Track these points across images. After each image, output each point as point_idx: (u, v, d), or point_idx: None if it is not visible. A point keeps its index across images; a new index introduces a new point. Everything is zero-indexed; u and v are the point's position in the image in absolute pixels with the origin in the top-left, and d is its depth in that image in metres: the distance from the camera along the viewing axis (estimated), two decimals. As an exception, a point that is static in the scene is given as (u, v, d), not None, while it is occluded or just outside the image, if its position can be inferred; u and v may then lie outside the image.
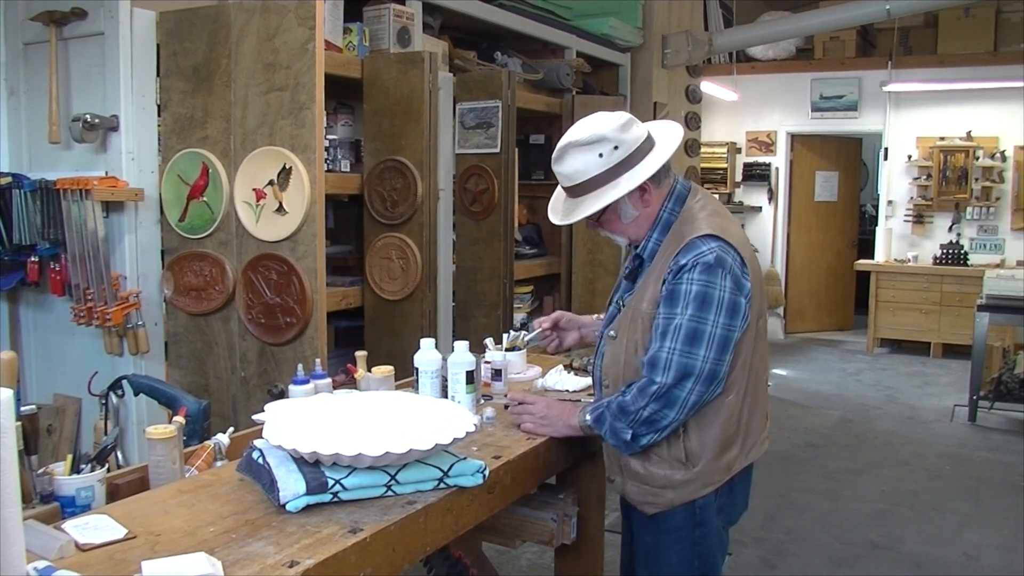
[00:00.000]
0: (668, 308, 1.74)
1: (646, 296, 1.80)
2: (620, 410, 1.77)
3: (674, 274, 1.74)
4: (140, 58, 2.83)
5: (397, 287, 3.37)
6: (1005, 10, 7.45)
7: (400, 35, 3.52)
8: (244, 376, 2.88)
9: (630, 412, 1.76)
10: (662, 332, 1.73)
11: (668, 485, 1.82)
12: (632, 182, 1.78)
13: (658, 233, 1.83)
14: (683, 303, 1.72)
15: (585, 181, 1.79)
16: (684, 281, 1.72)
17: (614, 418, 1.78)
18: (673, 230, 1.82)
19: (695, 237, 1.75)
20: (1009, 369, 5.65)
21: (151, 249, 2.94)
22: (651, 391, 1.73)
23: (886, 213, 8.17)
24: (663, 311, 1.74)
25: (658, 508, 1.84)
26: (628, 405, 1.76)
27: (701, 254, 1.73)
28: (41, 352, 3.10)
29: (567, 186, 1.84)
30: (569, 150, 1.80)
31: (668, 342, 1.72)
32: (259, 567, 1.25)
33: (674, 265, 1.74)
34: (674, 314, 1.72)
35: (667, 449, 1.81)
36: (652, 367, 1.73)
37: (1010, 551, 3.64)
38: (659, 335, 1.74)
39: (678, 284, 1.73)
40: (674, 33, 6.39)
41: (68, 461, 1.56)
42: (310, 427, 1.57)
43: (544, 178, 5.01)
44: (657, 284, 1.78)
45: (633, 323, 1.81)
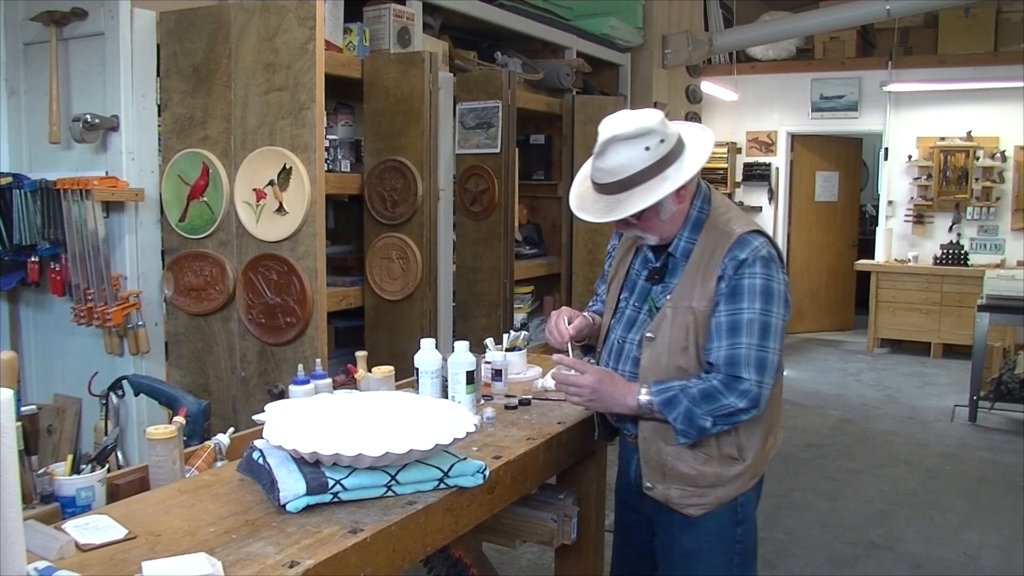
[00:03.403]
0: (734, 303, 1.72)
1: (694, 294, 1.76)
2: (705, 397, 1.72)
3: (734, 269, 1.72)
4: (140, 58, 2.83)
5: (397, 287, 3.37)
6: (1005, 10, 7.45)
7: (400, 35, 3.52)
8: (244, 376, 2.88)
9: (717, 402, 1.71)
10: (731, 328, 1.71)
11: (718, 483, 1.80)
12: (681, 176, 1.72)
13: (689, 231, 1.80)
14: (749, 298, 1.71)
15: (631, 175, 1.70)
16: (746, 276, 1.71)
17: (693, 403, 1.72)
18: (708, 228, 1.79)
19: (745, 233, 1.75)
20: (1009, 369, 5.65)
21: (151, 249, 2.94)
22: (740, 388, 1.70)
23: (886, 213, 8.17)
24: (727, 307, 1.72)
25: (705, 509, 1.81)
26: (716, 394, 1.71)
27: (756, 249, 1.73)
28: (41, 352, 3.10)
29: (607, 182, 1.73)
30: (613, 144, 1.70)
31: (744, 337, 1.70)
32: (259, 567, 1.25)
33: (730, 260, 1.72)
34: (741, 309, 1.71)
35: (717, 446, 1.78)
36: (733, 364, 1.70)
37: (1010, 551, 3.64)
38: (727, 331, 1.71)
39: (740, 279, 1.71)
40: (674, 33, 6.39)
41: (68, 461, 1.56)
42: (310, 427, 1.57)
43: (544, 178, 5.02)
44: (707, 281, 1.74)
45: (677, 323, 1.76)
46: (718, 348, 1.72)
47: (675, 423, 1.73)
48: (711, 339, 1.73)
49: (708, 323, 1.74)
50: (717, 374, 1.72)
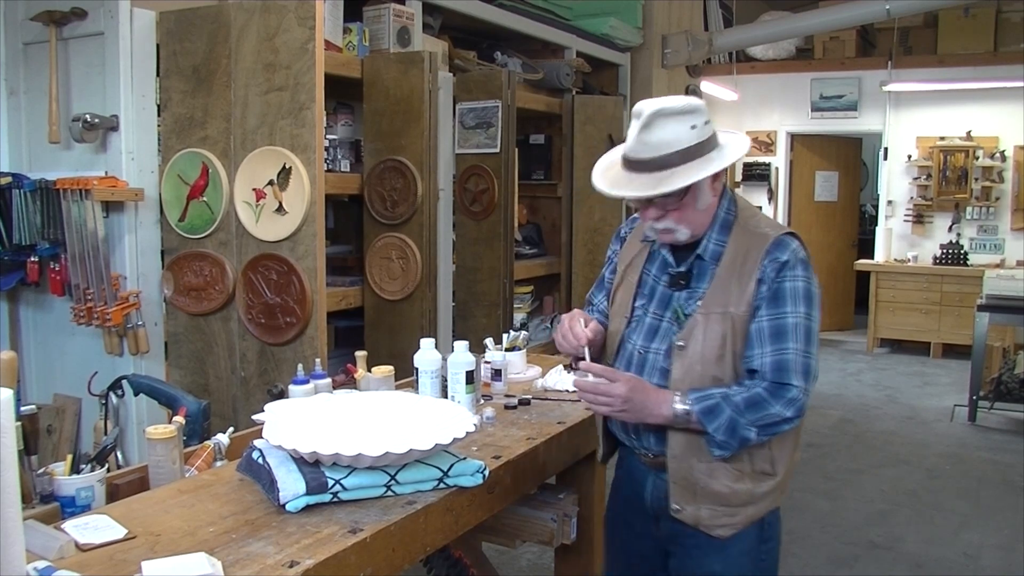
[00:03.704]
0: (777, 307, 1.63)
1: (730, 299, 1.65)
2: (750, 405, 1.60)
3: (776, 272, 1.64)
4: (140, 58, 2.83)
5: (397, 287, 3.37)
6: (1005, 10, 7.45)
7: (400, 35, 3.52)
8: (244, 376, 2.88)
9: (763, 411, 1.61)
10: (776, 332, 1.62)
11: (750, 501, 1.70)
12: (725, 159, 1.65)
13: (717, 233, 1.70)
14: (792, 301, 1.63)
15: (677, 152, 1.59)
16: (788, 279, 1.64)
17: (737, 412, 1.60)
18: (737, 230, 1.70)
19: (781, 235, 1.68)
20: (1009, 369, 5.65)
21: (151, 249, 2.94)
22: (788, 396, 1.61)
23: (886, 213, 8.17)
24: (769, 311, 1.63)
25: (735, 529, 1.70)
26: (763, 403, 1.61)
27: (795, 251, 1.66)
28: (41, 352, 3.10)
29: (650, 156, 1.60)
30: (659, 119, 1.59)
31: (791, 343, 1.62)
32: (259, 567, 1.26)
33: (771, 263, 1.64)
34: (785, 313, 1.63)
35: (750, 461, 1.68)
36: (782, 370, 1.61)
37: (1010, 551, 3.64)
38: (772, 336, 1.63)
39: (782, 282, 1.64)
40: (674, 33, 6.39)
41: (68, 461, 1.56)
42: (310, 427, 1.57)
43: (544, 178, 5.02)
44: (745, 284, 1.65)
45: (711, 329, 1.65)
46: (761, 354, 1.62)
47: (715, 434, 1.61)
48: (751, 345, 1.64)
49: (746, 329, 1.64)
50: (762, 381, 1.62)
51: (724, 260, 1.68)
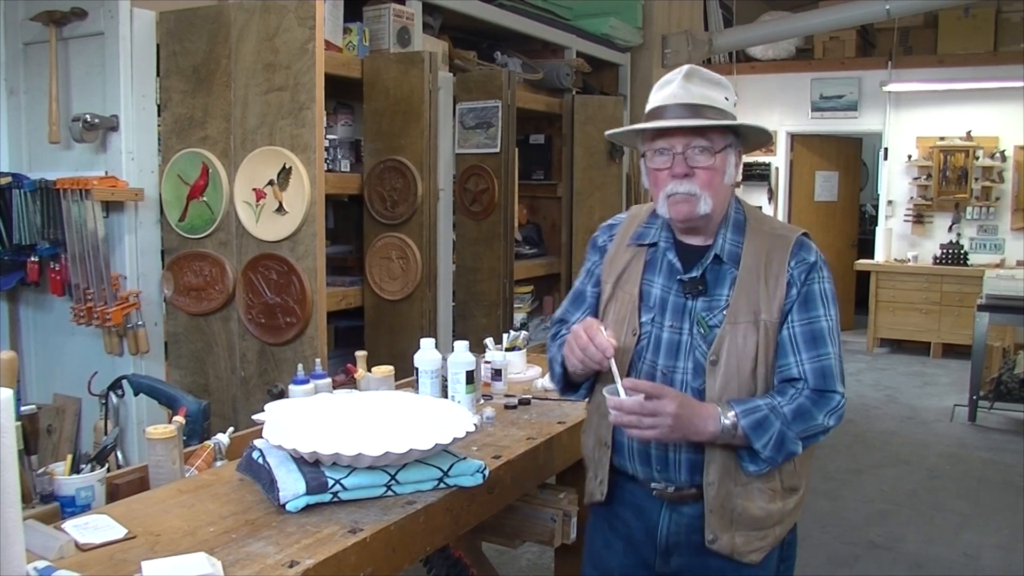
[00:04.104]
0: (810, 311, 1.56)
1: (760, 304, 1.55)
2: (797, 416, 1.52)
3: (805, 274, 1.57)
4: (140, 58, 2.83)
5: (397, 287, 3.37)
6: (1005, 10, 7.45)
7: (400, 35, 3.52)
8: (244, 376, 2.88)
9: (809, 421, 1.53)
10: (812, 338, 1.55)
11: (780, 520, 1.63)
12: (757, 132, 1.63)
13: (731, 232, 1.60)
14: (823, 304, 1.57)
15: (715, 109, 1.55)
16: (816, 280, 1.58)
17: (786, 424, 1.51)
18: (751, 230, 1.61)
19: (802, 235, 1.62)
20: (1009, 369, 5.65)
21: (151, 249, 2.94)
22: (831, 405, 1.55)
23: (886, 213, 8.18)
24: (802, 315, 1.56)
25: (764, 552, 1.62)
26: (808, 413, 1.53)
27: (818, 252, 1.61)
28: (41, 352, 3.09)
29: (692, 102, 1.54)
30: (698, 76, 1.57)
31: (830, 347, 1.55)
32: (259, 567, 1.26)
33: (799, 264, 1.57)
34: (819, 317, 1.56)
35: (780, 479, 1.60)
36: (825, 377, 1.54)
37: (1010, 551, 3.64)
38: (808, 342, 1.55)
39: (812, 284, 1.57)
40: (674, 33, 6.39)
41: (68, 461, 1.56)
42: (310, 427, 1.57)
43: (544, 178, 5.02)
44: (774, 288, 1.56)
45: (743, 340, 1.55)
46: (799, 362, 1.55)
47: (763, 450, 1.50)
48: (785, 353, 1.56)
49: (776, 337, 1.56)
50: (804, 389, 1.54)
51: (744, 263, 1.58)
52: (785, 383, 1.55)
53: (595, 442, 1.72)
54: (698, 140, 1.53)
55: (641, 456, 1.63)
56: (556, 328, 1.79)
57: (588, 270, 1.77)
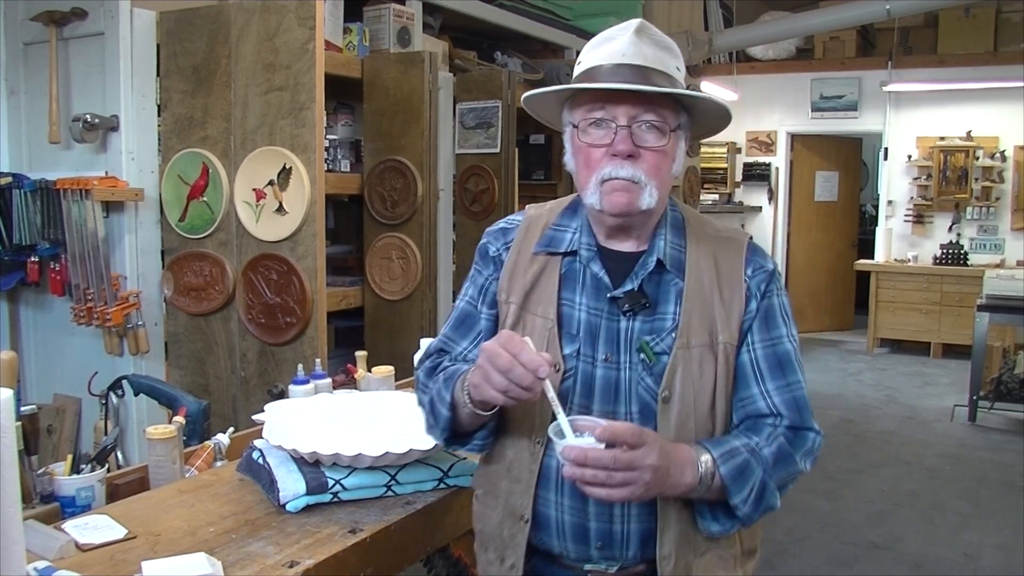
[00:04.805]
0: (771, 330, 1.28)
1: (716, 323, 1.26)
2: (780, 460, 1.24)
3: (765, 284, 1.29)
4: (140, 58, 2.83)
5: (397, 287, 3.37)
6: (1005, 10, 7.45)
7: (400, 35, 3.52)
8: (244, 376, 2.88)
9: (789, 465, 1.25)
10: (779, 363, 1.27)
11: None
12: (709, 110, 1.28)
13: (672, 234, 1.30)
14: (784, 321, 1.30)
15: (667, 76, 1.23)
16: (776, 292, 1.30)
17: (767, 471, 1.22)
18: (692, 231, 1.32)
19: (750, 239, 1.35)
20: (1009, 369, 5.65)
21: (151, 249, 2.94)
22: (807, 445, 1.27)
23: (886, 213, 8.18)
24: (763, 335, 1.28)
25: None
26: (789, 456, 1.25)
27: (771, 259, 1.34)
28: (41, 352, 3.09)
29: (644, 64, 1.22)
30: (647, 36, 1.26)
31: (799, 374, 1.29)
32: (259, 567, 1.26)
33: (758, 273, 1.29)
34: (781, 337, 1.29)
35: (739, 543, 1.31)
36: (800, 410, 1.27)
37: (1010, 551, 3.64)
38: (774, 367, 1.27)
39: (771, 297, 1.29)
40: (674, 33, 6.38)
41: (68, 461, 1.56)
42: (310, 427, 1.57)
43: (544, 178, 5.02)
44: (730, 302, 1.27)
45: (698, 369, 1.24)
46: (764, 393, 1.26)
47: (742, 505, 1.20)
48: (746, 382, 1.27)
49: (735, 361, 1.27)
50: (780, 426, 1.25)
51: (691, 271, 1.27)
52: (754, 419, 1.26)
53: (503, 515, 1.31)
54: (648, 114, 1.21)
55: (575, 531, 1.25)
56: (434, 360, 1.38)
57: (480, 286, 1.37)
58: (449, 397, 1.26)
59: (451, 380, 1.27)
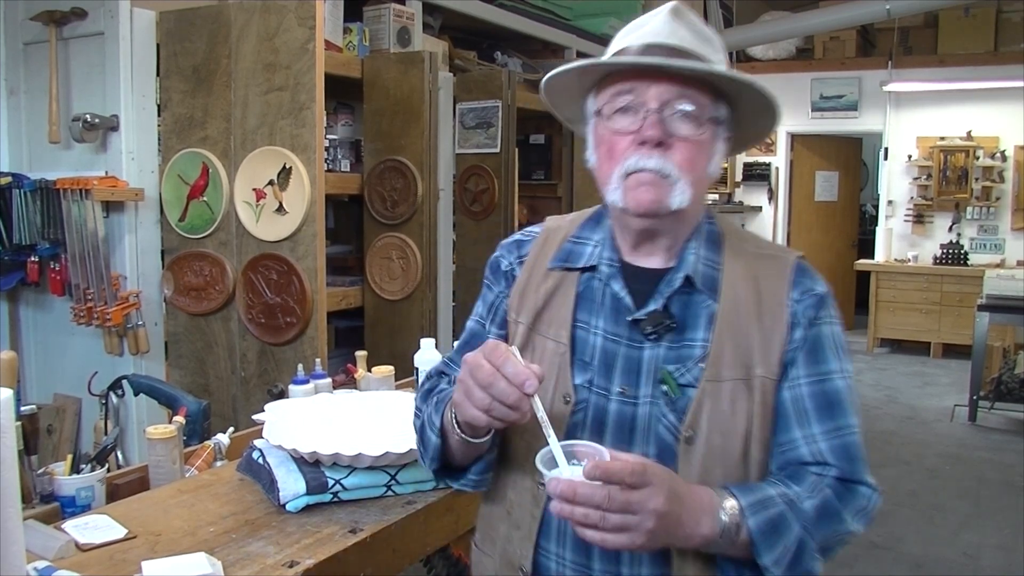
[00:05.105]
0: (821, 363, 1.10)
1: (752, 353, 1.08)
2: (825, 515, 1.03)
3: (814, 310, 1.11)
4: (140, 58, 2.83)
5: (397, 287, 3.37)
6: (1005, 10, 7.45)
7: (400, 35, 3.52)
8: (244, 376, 2.88)
9: (835, 524, 1.04)
10: (828, 403, 1.09)
11: None
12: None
13: (705, 249, 1.13)
14: (836, 354, 1.12)
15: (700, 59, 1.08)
16: (826, 321, 1.12)
17: (807, 528, 1.01)
18: (731, 248, 1.15)
19: (799, 258, 1.16)
20: (1009, 369, 5.65)
21: (151, 249, 2.94)
22: (859, 502, 1.07)
23: (886, 213, 8.18)
24: (811, 369, 1.10)
25: None
26: (837, 513, 1.04)
27: (824, 282, 1.15)
28: (41, 352, 3.09)
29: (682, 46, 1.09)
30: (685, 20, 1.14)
31: (850, 417, 1.10)
32: (259, 567, 1.26)
33: (804, 297, 1.11)
34: (831, 373, 1.11)
35: None
36: (851, 460, 1.07)
37: (1010, 551, 3.64)
38: (822, 408, 1.08)
39: (821, 325, 1.11)
40: (674, 33, 6.38)
41: (68, 461, 1.56)
42: (310, 427, 1.57)
43: (544, 178, 5.02)
44: (771, 329, 1.09)
45: (730, 406, 1.06)
46: (810, 438, 1.07)
47: (773, 567, 1.00)
48: (787, 424, 1.08)
49: (774, 400, 1.08)
50: (828, 476, 1.06)
51: (726, 292, 1.10)
52: (795, 467, 1.07)
53: (500, 564, 1.16)
54: (682, 101, 1.06)
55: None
56: (433, 383, 1.23)
57: (490, 304, 1.24)
58: (439, 422, 1.11)
59: (443, 404, 1.11)
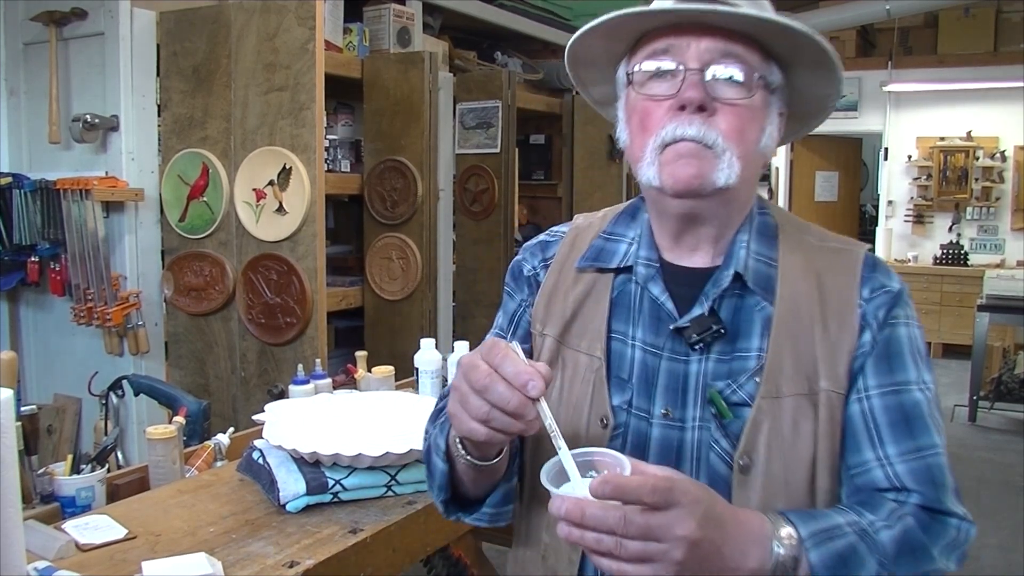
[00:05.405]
0: (896, 372, 0.93)
1: (817, 363, 0.91)
2: (906, 548, 0.86)
3: (886, 309, 0.94)
4: (140, 58, 2.83)
5: (397, 287, 3.37)
6: (1005, 10, 7.45)
7: (400, 35, 3.52)
8: (244, 376, 2.88)
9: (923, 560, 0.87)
10: (905, 417, 0.92)
11: None
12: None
13: (757, 243, 0.97)
14: (914, 361, 0.94)
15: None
16: (904, 321, 0.95)
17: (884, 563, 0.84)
18: (789, 240, 0.99)
19: (870, 252, 1.01)
20: (1009, 369, 5.65)
21: (151, 249, 2.94)
22: (951, 534, 0.90)
23: (886, 213, 8.18)
24: (883, 379, 0.92)
25: None
26: (923, 544, 0.87)
27: (898, 278, 0.99)
28: (41, 352, 3.10)
29: None
30: None
31: (934, 435, 0.94)
32: (259, 567, 1.26)
33: (877, 295, 0.95)
34: (909, 383, 0.93)
35: None
36: (935, 485, 0.91)
37: (1010, 551, 3.64)
38: (898, 424, 0.91)
39: (896, 326, 0.94)
40: (674, 33, 6.39)
41: (68, 461, 1.56)
42: (310, 427, 1.57)
43: (544, 178, 5.02)
44: (837, 335, 0.92)
45: (792, 426, 0.90)
46: (884, 459, 0.91)
47: None
48: (858, 444, 0.91)
49: (843, 416, 0.92)
50: (909, 503, 0.89)
51: (783, 293, 0.94)
52: (868, 492, 0.90)
53: None
54: (727, 60, 0.90)
55: None
56: (445, 403, 0.97)
57: (511, 314, 1.07)
58: (443, 443, 0.95)
59: (448, 426, 0.93)
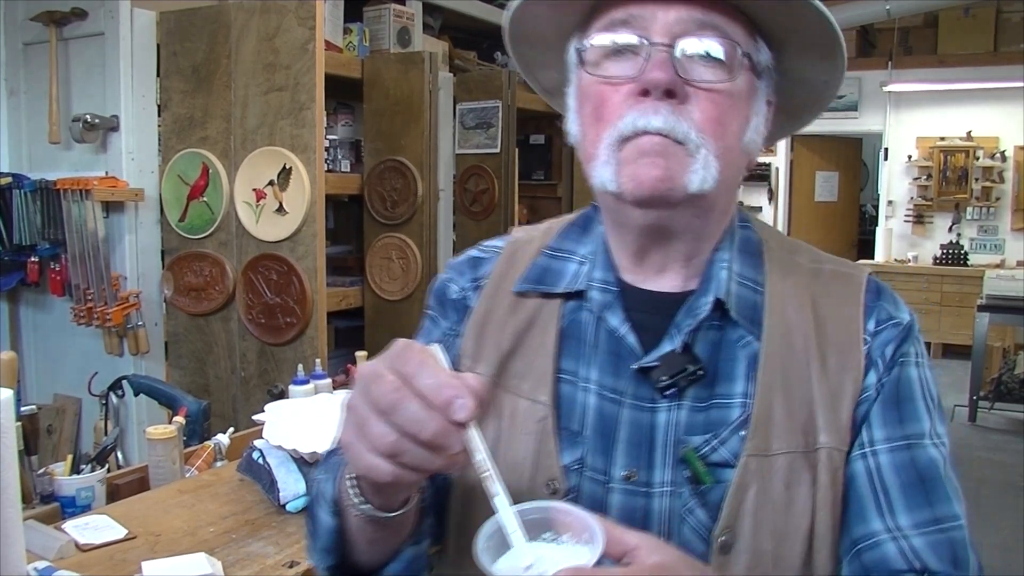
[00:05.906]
0: (907, 421, 0.77)
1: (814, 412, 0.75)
2: None
3: (895, 346, 0.78)
4: (140, 58, 2.83)
5: (397, 287, 3.37)
6: (1005, 10, 7.46)
7: (400, 35, 3.52)
8: (244, 376, 2.88)
9: None
10: (919, 479, 0.76)
11: None
12: None
13: (741, 263, 0.81)
14: (927, 408, 0.80)
15: None
16: (912, 361, 0.79)
17: None
18: (776, 260, 0.83)
19: (872, 277, 0.84)
20: (1009, 369, 5.65)
21: (151, 249, 2.94)
22: None
23: (886, 213, 8.18)
24: (890, 431, 0.77)
25: None
26: None
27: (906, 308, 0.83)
28: (41, 352, 3.10)
29: None
30: None
31: (951, 503, 0.76)
32: (259, 567, 1.26)
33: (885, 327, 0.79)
34: (922, 435, 0.78)
35: None
36: (954, 561, 0.73)
37: (1010, 551, 3.64)
38: (912, 486, 0.75)
39: (905, 366, 0.79)
40: (674, 33, 6.39)
41: (68, 461, 1.56)
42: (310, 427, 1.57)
43: (544, 178, 5.02)
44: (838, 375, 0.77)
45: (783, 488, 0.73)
46: (895, 531, 0.73)
47: None
48: (863, 511, 0.75)
49: (845, 478, 0.76)
50: None
51: (771, 324, 0.78)
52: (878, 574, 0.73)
53: None
54: (705, 33, 0.72)
55: None
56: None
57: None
58: (331, 490, 0.72)
59: (340, 467, 0.71)
